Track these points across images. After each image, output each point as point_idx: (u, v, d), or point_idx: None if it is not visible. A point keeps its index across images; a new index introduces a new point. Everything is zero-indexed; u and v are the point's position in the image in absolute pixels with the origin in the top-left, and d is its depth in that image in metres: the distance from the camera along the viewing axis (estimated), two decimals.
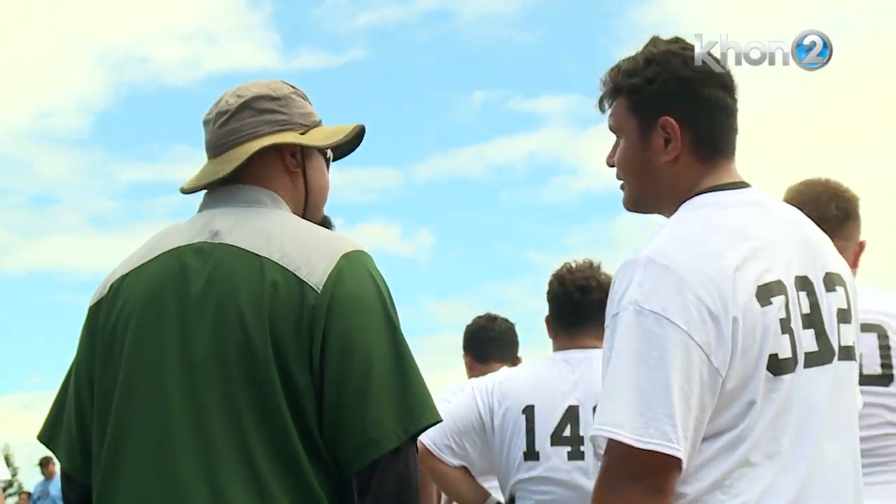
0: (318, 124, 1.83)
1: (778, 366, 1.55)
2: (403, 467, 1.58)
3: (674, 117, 1.68)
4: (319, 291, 1.58)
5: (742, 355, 1.52)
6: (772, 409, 1.55)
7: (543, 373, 2.87)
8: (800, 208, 2.29)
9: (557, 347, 2.93)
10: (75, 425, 1.72)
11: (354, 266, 1.63)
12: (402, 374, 1.60)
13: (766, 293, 1.55)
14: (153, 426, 1.60)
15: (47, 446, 1.79)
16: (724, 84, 1.73)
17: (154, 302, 1.65)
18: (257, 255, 1.62)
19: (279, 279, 1.59)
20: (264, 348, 1.56)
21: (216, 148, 1.77)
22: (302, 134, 1.78)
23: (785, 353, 1.56)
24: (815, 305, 1.63)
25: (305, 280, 1.59)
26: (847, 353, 1.67)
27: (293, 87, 1.84)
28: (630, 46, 1.82)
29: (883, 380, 2.49)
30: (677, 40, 1.77)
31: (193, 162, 1.79)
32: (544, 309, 3.00)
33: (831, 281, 1.67)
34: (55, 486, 12.93)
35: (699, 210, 1.66)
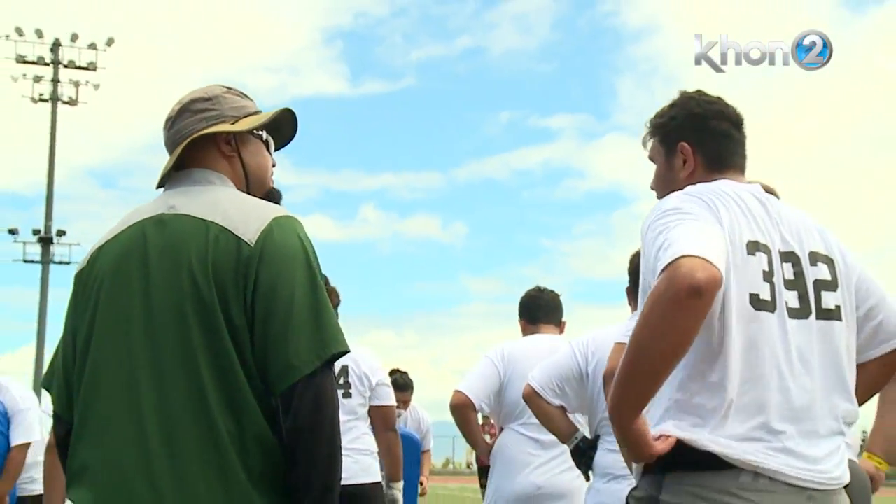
0: (252, 114, 2.10)
1: (758, 303, 1.94)
2: (319, 388, 1.81)
3: (688, 143, 2.21)
4: (252, 245, 1.84)
5: (734, 282, 1.91)
6: (752, 335, 1.91)
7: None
8: None
9: (635, 311, 3.54)
10: (62, 375, 1.99)
11: (283, 227, 1.90)
12: (318, 313, 1.84)
13: (752, 247, 1.97)
14: (121, 369, 1.86)
15: (47, 391, 2.06)
16: (730, 118, 2.24)
17: (121, 265, 1.93)
18: (203, 219, 1.89)
19: (220, 236, 1.86)
20: (210, 294, 1.83)
21: (169, 146, 2.08)
22: (233, 124, 2.06)
23: (765, 295, 1.95)
24: (799, 274, 2.03)
25: (241, 236, 1.86)
26: (828, 314, 2.05)
27: (227, 88, 2.13)
28: (626, 76, 2.38)
29: None
30: (699, 91, 2.28)
31: (282, 170, 2.11)
32: (556, 284, 3.53)
33: (814, 257, 2.07)
34: None
35: (711, 182, 2.11)
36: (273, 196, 2.14)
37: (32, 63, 31.83)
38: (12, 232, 31.62)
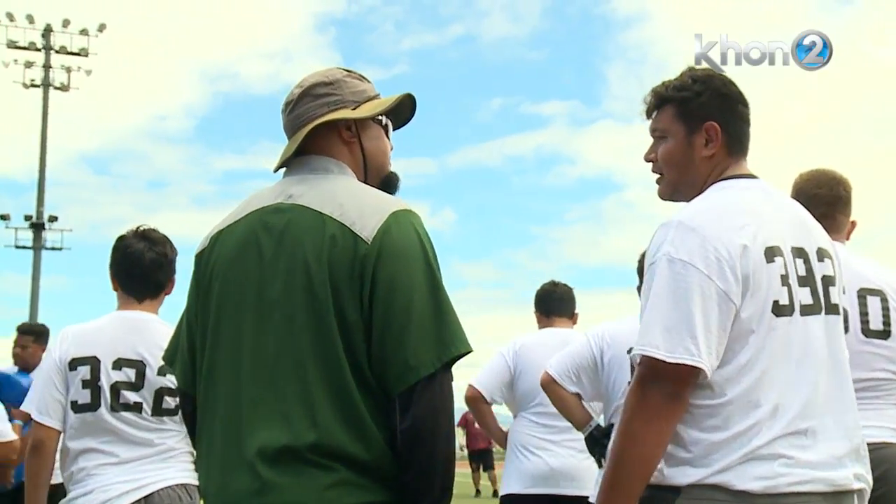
0: (371, 98, 2.09)
1: (779, 309, 1.95)
2: (438, 390, 1.80)
3: (717, 123, 2.15)
4: (369, 243, 1.82)
5: (752, 296, 1.93)
6: (775, 343, 1.94)
7: None
8: (816, 189, 3.09)
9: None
10: (187, 352, 2.04)
11: (401, 222, 1.86)
12: (439, 313, 1.82)
13: (770, 254, 1.97)
14: (231, 354, 1.89)
15: (169, 368, 2.09)
16: (746, 103, 2.21)
17: (240, 253, 1.94)
18: (320, 212, 1.87)
19: (337, 232, 1.84)
20: (324, 290, 1.81)
21: (288, 131, 2.07)
22: (353, 109, 2.04)
23: (784, 300, 1.96)
24: (809, 270, 2.04)
25: (358, 233, 1.83)
26: (834, 309, 2.08)
27: (347, 71, 2.11)
28: (616, 63, 2.37)
29: (884, 334, 2.98)
30: (708, 69, 2.27)
31: (273, 155, 2.13)
32: (548, 270, 3.64)
33: (821, 254, 2.09)
34: None
35: (722, 191, 2.10)
36: (391, 180, 2.13)
37: (24, 48, 31.63)
38: (4, 218, 31.49)
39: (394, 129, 2.18)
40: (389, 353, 1.79)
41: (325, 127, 2.02)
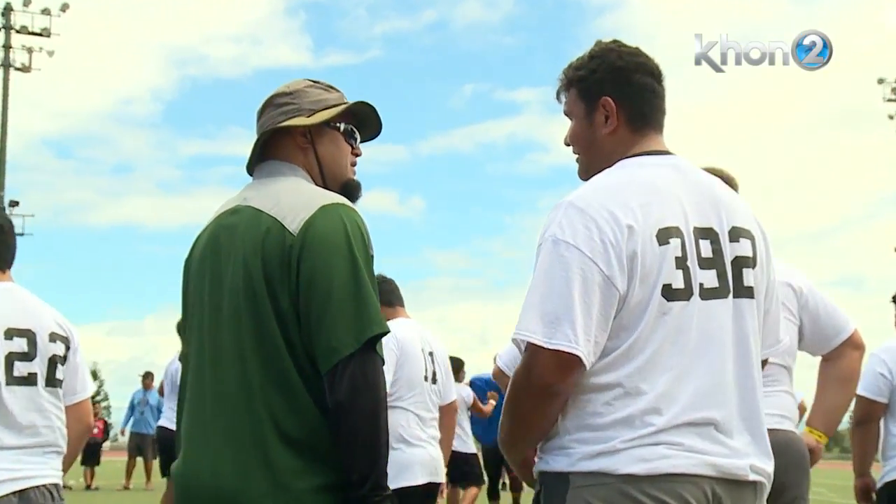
0: (331, 106, 2.18)
1: (671, 293, 1.87)
2: (358, 368, 1.89)
3: (611, 97, 2.05)
4: (295, 235, 1.95)
5: (641, 281, 1.85)
6: (665, 328, 1.86)
7: None
8: None
9: None
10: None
11: (328, 215, 1.98)
12: (358, 298, 1.93)
13: (665, 235, 1.88)
14: (199, 347, 2.08)
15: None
16: (652, 72, 2.09)
17: (203, 256, 2.12)
18: (261, 210, 2.02)
19: (271, 227, 1.98)
20: (260, 281, 1.96)
21: (258, 136, 2.20)
22: (308, 117, 2.16)
23: (678, 283, 1.88)
24: (717, 252, 1.94)
25: (287, 226, 1.96)
26: (747, 292, 1.97)
27: (312, 82, 2.23)
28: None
29: None
30: (616, 41, 2.13)
31: (242, 140, 2.20)
32: (521, 259, 3.50)
33: (736, 233, 1.98)
34: (153, 397, 14.83)
35: (621, 169, 2.01)
36: (350, 187, 2.20)
37: None
38: None
39: (364, 140, 2.27)
40: (315, 336, 1.91)
41: (284, 134, 2.15)
